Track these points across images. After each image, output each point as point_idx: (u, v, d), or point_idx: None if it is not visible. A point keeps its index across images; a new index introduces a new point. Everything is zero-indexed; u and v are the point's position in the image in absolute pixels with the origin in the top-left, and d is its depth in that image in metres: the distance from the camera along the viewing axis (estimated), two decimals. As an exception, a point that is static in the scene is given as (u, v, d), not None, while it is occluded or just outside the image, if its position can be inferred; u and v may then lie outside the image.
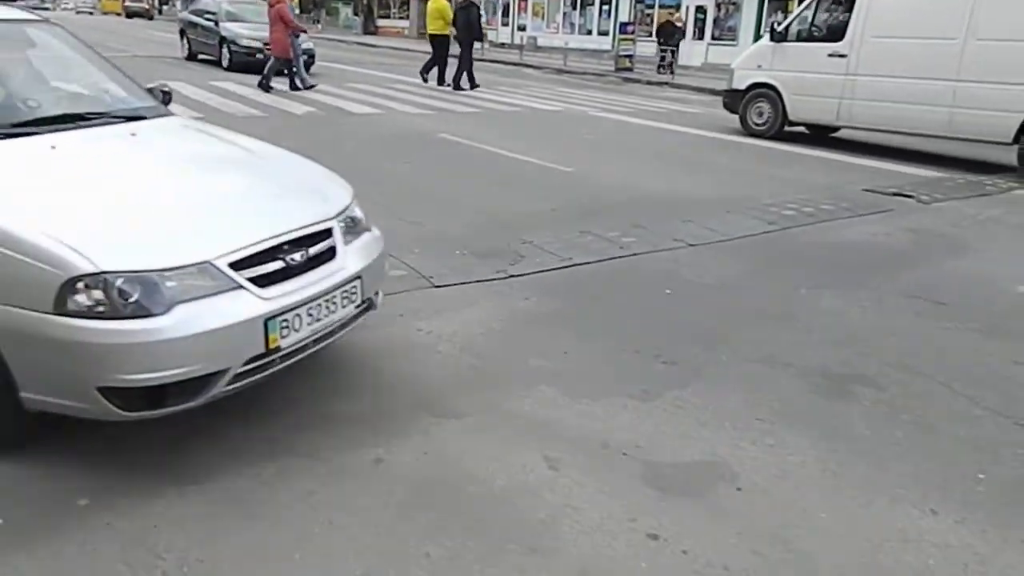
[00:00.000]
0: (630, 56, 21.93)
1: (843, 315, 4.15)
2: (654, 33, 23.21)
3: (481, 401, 2.99)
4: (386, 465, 2.53)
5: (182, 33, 18.34)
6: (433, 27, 15.27)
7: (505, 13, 36.19)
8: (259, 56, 14.86)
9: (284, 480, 2.42)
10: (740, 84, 11.15)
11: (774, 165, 8.88)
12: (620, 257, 4.91)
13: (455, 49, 15.21)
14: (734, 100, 11.31)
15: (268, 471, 2.45)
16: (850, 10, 9.86)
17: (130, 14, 45.30)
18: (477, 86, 15.14)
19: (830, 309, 4.24)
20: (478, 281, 4.31)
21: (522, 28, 34.77)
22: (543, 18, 33.62)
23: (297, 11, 23.26)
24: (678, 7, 26.29)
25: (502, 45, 32.91)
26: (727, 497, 2.47)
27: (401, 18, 43.74)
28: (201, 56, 17.35)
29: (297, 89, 13.16)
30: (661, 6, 27.25)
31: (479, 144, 8.94)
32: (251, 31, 15.60)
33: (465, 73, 15.10)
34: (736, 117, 11.21)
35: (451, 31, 15.13)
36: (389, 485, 2.42)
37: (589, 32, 30.54)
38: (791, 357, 3.56)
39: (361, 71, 15.71)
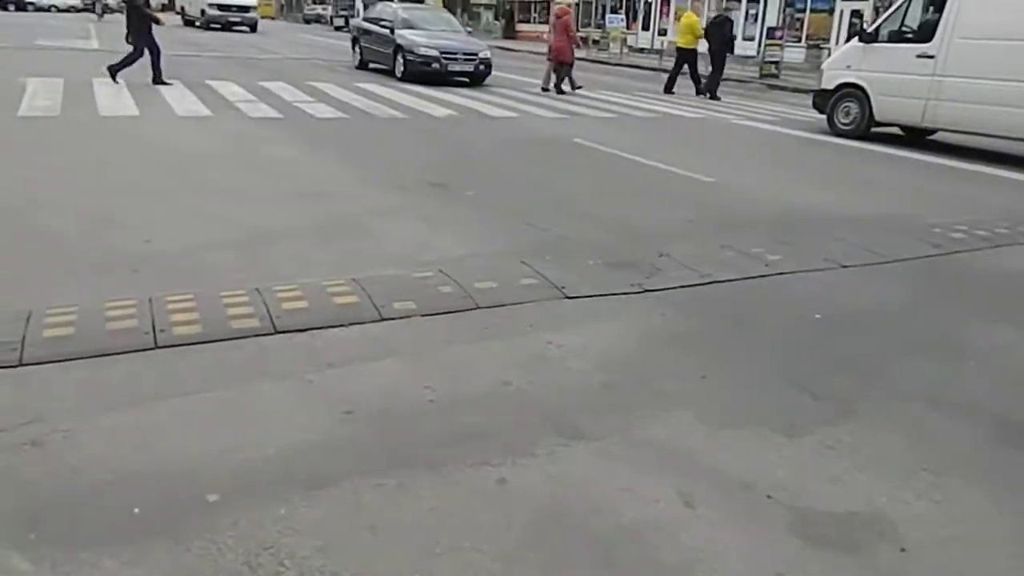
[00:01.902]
0: (776, 62, 21.00)
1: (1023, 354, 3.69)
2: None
3: (612, 423, 2.82)
4: (510, 487, 2.41)
5: (354, 41, 17.82)
6: (683, 40, 16.10)
7: (646, 17, 35.67)
8: (435, 66, 14.47)
9: (406, 493, 2.35)
10: (829, 84, 11.19)
11: (936, 181, 8.18)
12: (764, 276, 4.60)
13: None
14: (823, 100, 11.31)
15: (390, 483, 2.39)
16: (940, 11, 9.66)
17: (307, 20, 52.66)
18: (718, 98, 15.55)
19: (1007, 346, 3.77)
20: (612, 294, 4.13)
21: (663, 32, 34.16)
22: (685, 22, 32.81)
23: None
24: (832, 11, 24.98)
25: (641, 50, 32.45)
26: (889, 558, 2.19)
27: (542, 22, 44.06)
28: (373, 65, 16.69)
29: (561, 92, 14.67)
30: (813, 10, 26.00)
31: (614, 150, 8.75)
32: (429, 39, 14.98)
33: (709, 82, 15.72)
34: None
35: (698, 45, 15.84)
36: (512, 509, 2.30)
37: (733, 37, 29.48)
38: (961, 398, 3.18)
39: (500, 75, 15.87)
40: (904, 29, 10.35)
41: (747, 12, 28.94)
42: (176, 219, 5.02)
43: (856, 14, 24.41)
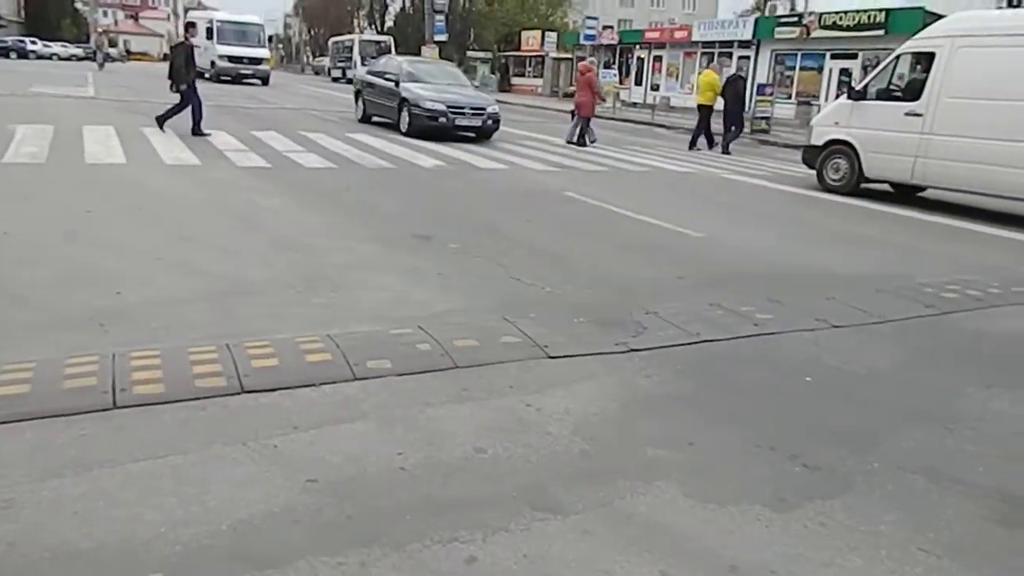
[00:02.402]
0: (767, 118, 21.28)
1: (1023, 423, 3.56)
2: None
3: (592, 496, 2.66)
4: (480, 566, 2.24)
5: (357, 95, 17.20)
6: (703, 98, 16.48)
7: (639, 73, 36.27)
8: (441, 120, 13.92)
9: (368, 574, 2.17)
10: (818, 140, 11.31)
11: (928, 240, 8.14)
12: (753, 336, 4.48)
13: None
14: (812, 156, 11.43)
15: (352, 562, 2.22)
16: (928, 70, 9.83)
17: (316, 71, 57.31)
18: (728, 153, 15.97)
19: (1005, 415, 3.64)
20: (596, 353, 4.00)
21: (655, 88, 34.71)
22: (677, 78, 33.42)
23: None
24: (820, 69, 25.43)
25: (634, 104, 32.91)
26: (886, 653, 2.02)
27: (535, 76, 44.85)
28: (377, 119, 16.07)
29: (583, 144, 15.23)
30: (802, 68, 26.47)
31: (605, 204, 8.71)
32: (435, 93, 14.39)
33: (727, 138, 16.12)
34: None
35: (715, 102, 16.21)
36: (481, 592, 2.14)
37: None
38: (958, 471, 3.03)
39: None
40: (892, 87, 10.53)
41: (737, 69, 29.42)
42: (151, 271, 4.90)
43: (845, 72, 24.85)
